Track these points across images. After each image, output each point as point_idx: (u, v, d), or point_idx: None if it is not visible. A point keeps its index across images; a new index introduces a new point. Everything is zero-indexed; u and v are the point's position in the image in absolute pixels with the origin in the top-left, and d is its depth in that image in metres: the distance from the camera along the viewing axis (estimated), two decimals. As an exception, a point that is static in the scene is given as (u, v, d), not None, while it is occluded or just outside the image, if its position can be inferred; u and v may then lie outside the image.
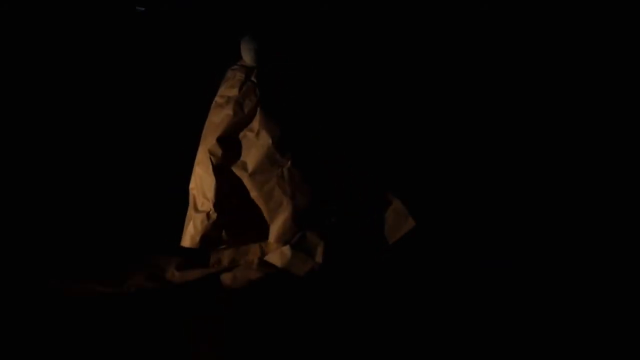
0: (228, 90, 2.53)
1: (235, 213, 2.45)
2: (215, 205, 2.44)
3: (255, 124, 2.47)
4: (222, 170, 2.46)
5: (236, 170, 2.47)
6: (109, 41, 3.65)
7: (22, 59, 3.56)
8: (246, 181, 2.46)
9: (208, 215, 2.44)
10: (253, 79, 2.51)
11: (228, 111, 2.49)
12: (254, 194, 2.45)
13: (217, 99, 2.55)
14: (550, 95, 3.63)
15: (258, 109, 2.48)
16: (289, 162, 2.45)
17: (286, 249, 2.41)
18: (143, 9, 3.66)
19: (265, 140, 2.46)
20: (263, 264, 2.43)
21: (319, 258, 2.38)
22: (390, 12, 3.73)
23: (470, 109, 3.64)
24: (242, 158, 2.48)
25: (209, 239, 2.45)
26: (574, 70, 3.64)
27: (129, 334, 2.05)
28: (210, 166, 2.45)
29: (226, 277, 2.36)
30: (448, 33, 3.72)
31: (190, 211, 2.52)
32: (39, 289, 2.26)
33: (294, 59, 2.66)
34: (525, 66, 3.68)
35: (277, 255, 2.42)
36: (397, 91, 3.66)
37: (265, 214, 2.45)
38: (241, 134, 2.49)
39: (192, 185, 2.55)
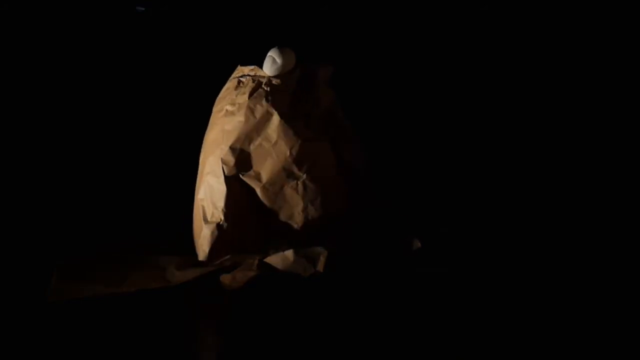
0: (239, 97, 2.46)
1: (244, 224, 2.41)
2: (225, 215, 2.38)
3: (273, 134, 2.42)
4: (234, 180, 2.41)
5: (249, 180, 2.42)
6: (109, 41, 3.65)
7: (22, 59, 3.57)
8: (259, 191, 2.42)
9: (219, 225, 2.39)
10: (264, 87, 2.45)
11: (240, 118, 2.43)
12: (265, 204, 2.42)
13: (228, 107, 2.48)
14: (551, 96, 3.64)
15: (278, 120, 2.42)
16: (305, 175, 2.42)
17: (289, 253, 2.41)
18: (143, 9, 3.67)
19: (283, 150, 2.41)
20: (263, 265, 2.43)
21: (320, 267, 2.38)
22: (390, 12, 3.74)
23: (470, 110, 3.65)
24: (256, 168, 2.42)
25: (218, 250, 2.41)
26: (575, 71, 3.64)
27: (129, 334, 2.05)
28: (222, 175, 2.39)
29: (226, 277, 2.36)
30: (448, 33, 3.72)
31: (200, 223, 2.44)
32: (38, 289, 2.26)
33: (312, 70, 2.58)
34: (526, 67, 3.69)
35: (279, 258, 2.42)
36: (397, 93, 3.67)
37: (275, 225, 2.43)
38: (256, 143, 2.43)
39: (201, 196, 2.46)
